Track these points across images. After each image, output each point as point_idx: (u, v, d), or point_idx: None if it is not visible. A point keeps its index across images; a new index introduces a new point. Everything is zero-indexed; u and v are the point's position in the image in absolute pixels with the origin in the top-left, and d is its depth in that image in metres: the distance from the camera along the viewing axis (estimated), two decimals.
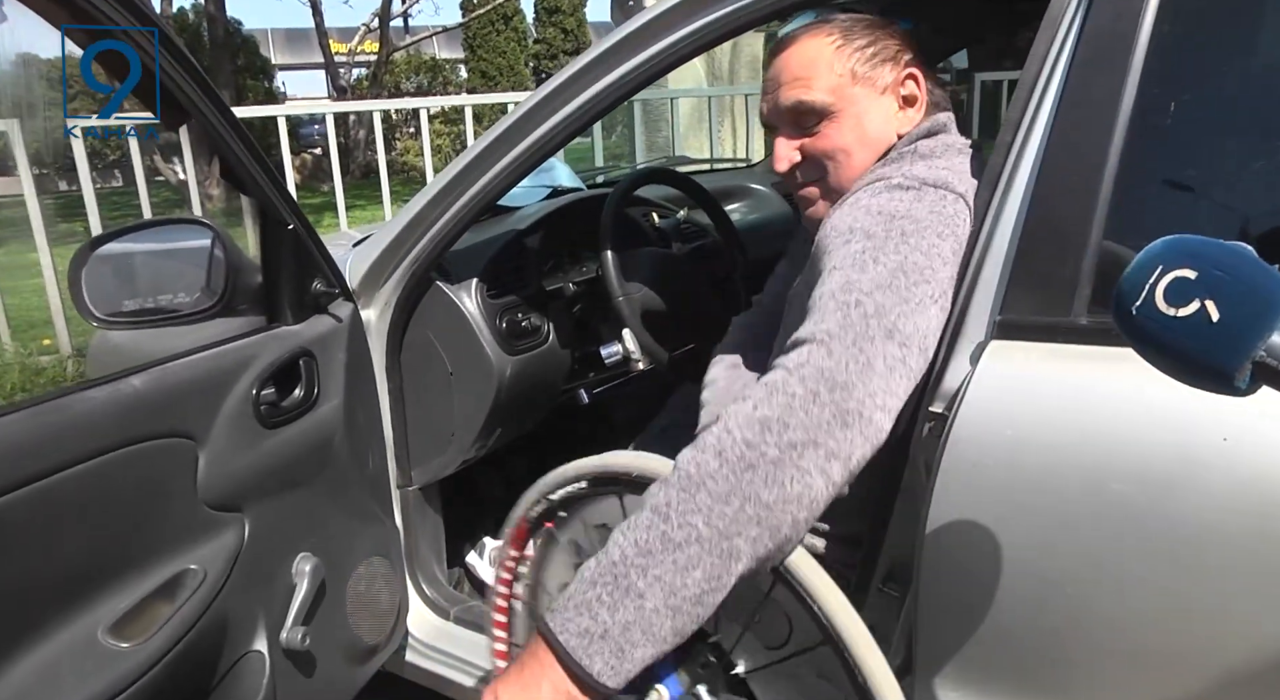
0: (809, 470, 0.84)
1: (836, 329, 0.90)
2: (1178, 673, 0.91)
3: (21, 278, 5.59)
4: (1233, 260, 0.60)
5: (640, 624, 0.83)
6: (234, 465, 1.18)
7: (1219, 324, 0.59)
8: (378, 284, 1.57)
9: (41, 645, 0.94)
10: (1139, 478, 0.88)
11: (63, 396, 0.98)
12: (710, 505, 0.84)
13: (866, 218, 1.02)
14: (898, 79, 1.21)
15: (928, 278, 0.97)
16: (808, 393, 0.86)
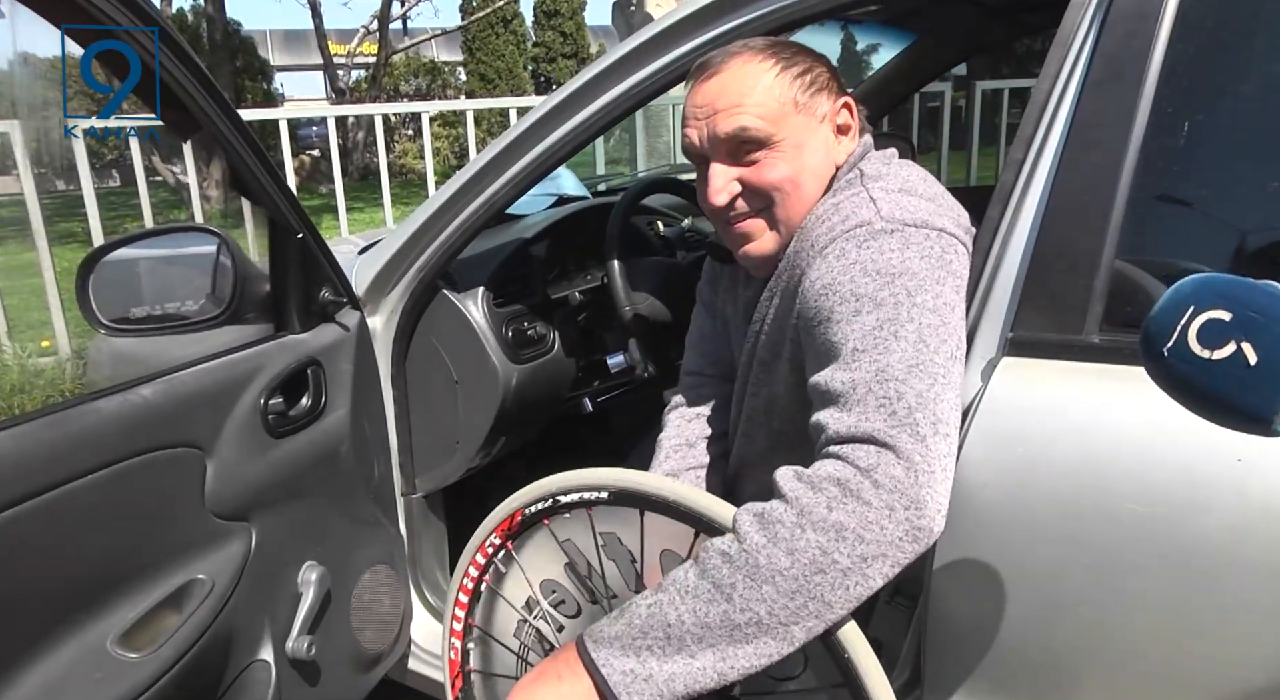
0: (874, 577, 0.86)
1: (886, 424, 0.89)
2: (1186, 694, 0.91)
3: (19, 278, 5.59)
4: (1266, 301, 0.60)
5: (684, 677, 0.89)
6: (242, 475, 1.17)
7: (1257, 366, 0.59)
8: (384, 292, 1.57)
9: (51, 655, 0.93)
10: (1150, 498, 0.89)
11: (72, 407, 0.98)
12: (775, 598, 0.87)
13: (865, 279, 0.98)
14: (834, 108, 1.18)
15: (944, 336, 0.95)
16: (883, 505, 0.86)
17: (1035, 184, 1.03)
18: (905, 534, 0.85)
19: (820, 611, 0.86)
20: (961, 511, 0.99)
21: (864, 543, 0.85)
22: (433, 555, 1.76)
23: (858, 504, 0.86)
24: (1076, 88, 1.02)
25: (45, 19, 1.02)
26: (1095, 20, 1.01)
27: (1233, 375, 0.59)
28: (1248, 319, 0.59)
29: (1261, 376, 0.59)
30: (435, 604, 1.74)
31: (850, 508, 0.86)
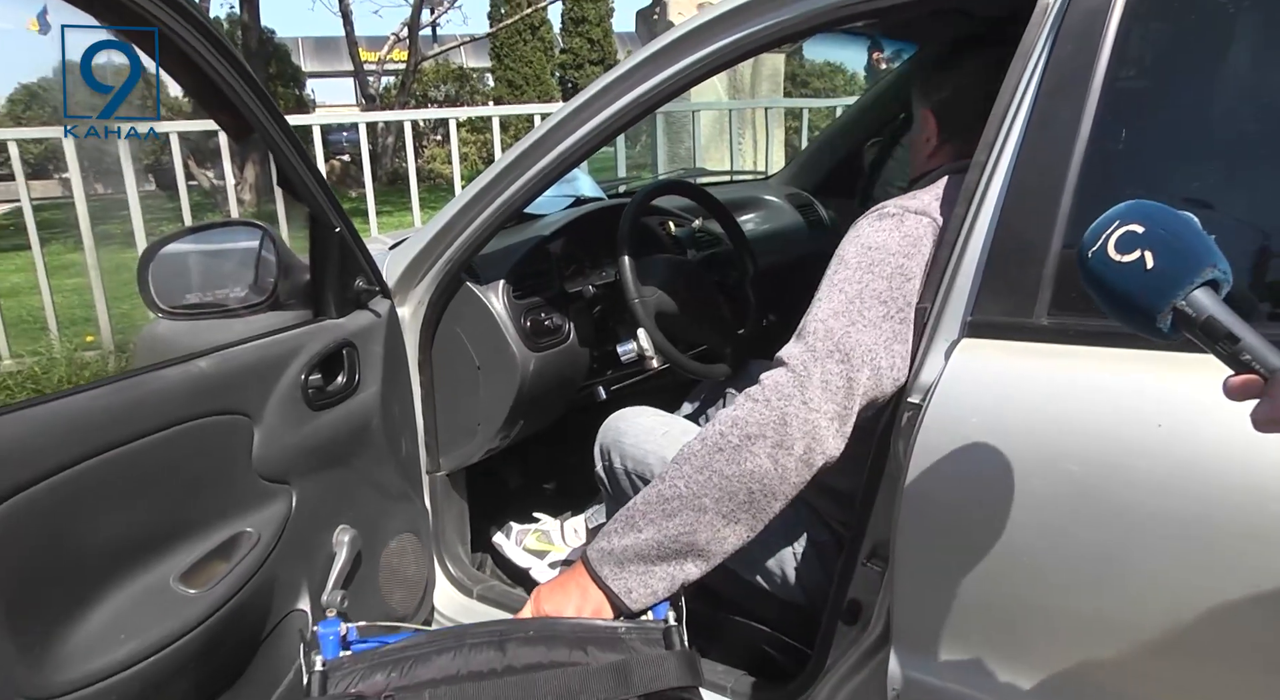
0: (759, 454, 1.15)
1: (795, 351, 1.20)
2: (1120, 634, 1.02)
3: (62, 277, 5.78)
4: (1176, 224, 0.73)
5: (635, 548, 1.20)
6: (284, 442, 1.31)
7: (1152, 271, 0.71)
8: (413, 283, 1.71)
9: (126, 586, 1.08)
10: (1086, 459, 1.00)
11: (143, 374, 1.12)
12: (690, 473, 1.19)
13: (851, 248, 1.26)
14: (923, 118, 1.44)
15: (885, 299, 1.20)
16: (764, 400, 1.17)
17: (995, 182, 1.14)
18: (778, 417, 1.15)
19: (721, 483, 1.16)
20: (923, 475, 1.11)
21: (748, 426, 1.16)
22: (455, 530, 1.89)
23: (751, 403, 1.18)
24: (1032, 97, 1.13)
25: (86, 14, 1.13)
26: (1049, 37, 1.13)
27: (1134, 276, 0.72)
28: (1156, 234, 0.72)
29: (1154, 279, 0.71)
30: (457, 575, 1.87)
31: (746, 406, 1.18)
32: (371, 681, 1.00)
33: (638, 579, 1.20)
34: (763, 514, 1.18)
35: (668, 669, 1.02)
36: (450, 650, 1.04)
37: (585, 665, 1.03)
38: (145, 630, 1.06)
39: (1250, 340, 0.68)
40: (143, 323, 4.17)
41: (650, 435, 1.61)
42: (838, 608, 1.31)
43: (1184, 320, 0.71)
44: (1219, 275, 0.71)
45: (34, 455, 0.97)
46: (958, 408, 1.10)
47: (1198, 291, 0.70)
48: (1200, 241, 0.72)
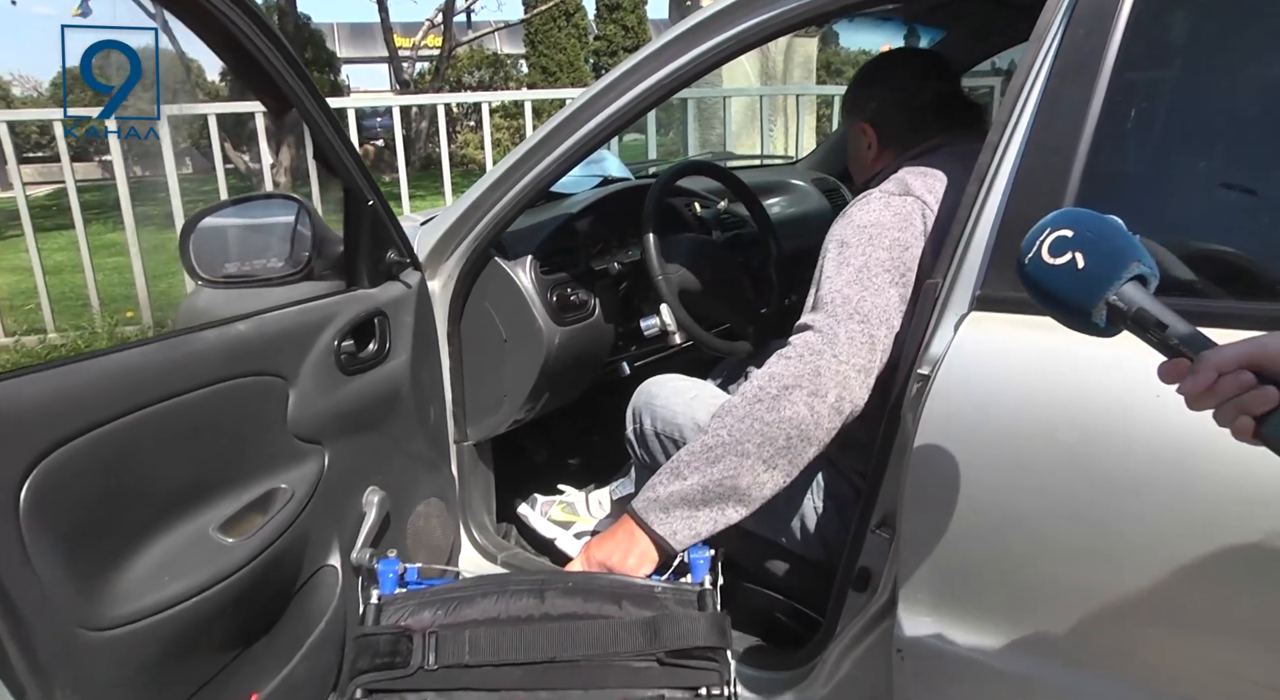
0: (796, 402, 1.26)
1: (818, 317, 1.33)
2: (1117, 598, 1.06)
3: (103, 257, 5.91)
4: (1102, 226, 0.80)
5: (681, 494, 1.30)
6: (317, 404, 1.37)
7: (1083, 271, 0.78)
8: (443, 258, 1.76)
9: (170, 533, 1.14)
10: (1083, 427, 1.04)
11: (187, 334, 1.19)
12: (732, 423, 1.29)
13: (848, 230, 1.39)
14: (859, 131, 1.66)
15: (888, 267, 1.34)
16: (798, 356, 1.30)
17: (1006, 163, 1.18)
18: (811, 369, 1.27)
19: (762, 429, 1.26)
20: (930, 444, 1.15)
21: (785, 378, 1.28)
22: (481, 498, 1.95)
23: (784, 360, 1.30)
24: (1044, 78, 1.16)
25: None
26: (1063, 20, 1.16)
27: (1067, 277, 0.79)
28: (1084, 237, 0.79)
29: (1085, 278, 0.78)
30: (482, 542, 1.92)
31: (780, 362, 1.30)
32: (420, 617, 1.09)
33: (683, 523, 1.30)
34: (799, 459, 1.28)
35: (697, 629, 1.06)
36: (493, 594, 1.11)
37: (618, 618, 1.08)
38: (188, 574, 1.12)
39: (1177, 326, 0.74)
40: (180, 300, 4.28)
41: (680, 397, 1.68)
42: (849, 575, 1.35)
43: (1117, 313, 0.77)
44: (1145, 270, 0.77)
45: (88, 405, 1.03)
46: (965, 379, 1.14)
47: (1127, 286, 0.76)
48: (1125, 241, 0.78)
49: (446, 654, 1.04)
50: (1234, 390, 0.69)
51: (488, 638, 1.05)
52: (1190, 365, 0.72)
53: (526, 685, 1.04)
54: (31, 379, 1.00)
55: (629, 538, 1.32)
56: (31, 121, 8.14)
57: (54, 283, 5.19)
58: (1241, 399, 0.69)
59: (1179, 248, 1.09)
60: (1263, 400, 0.68)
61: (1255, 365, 0.69)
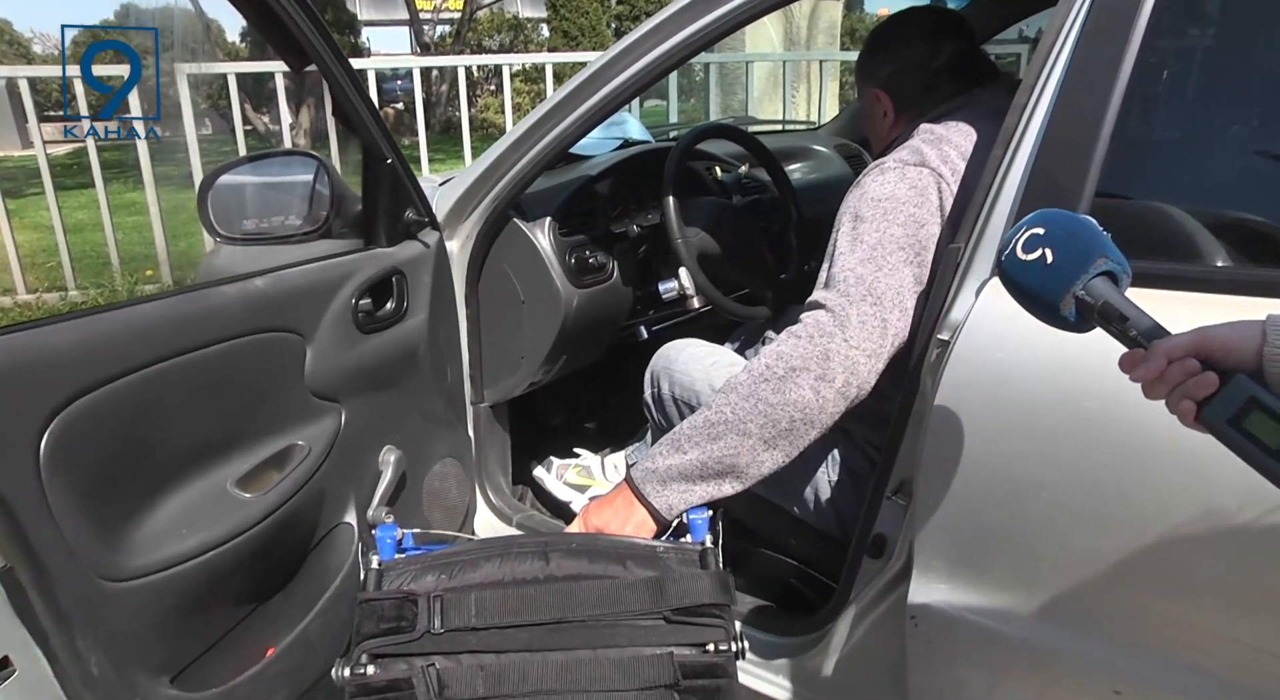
0: (802, 386, 1.24)
1: (830, 296, 1.29)
2: (1132, 567, 1.05)
3: (122, 216, 5.93)
4: (1073, 225, 0.84)
5: (680, 467, 1.29)
6: (335, 361, 1.37)
7: (1052, 265, 0.82)
8: (461, 218, 1.75)
9: (188, 486, 1.15)
10: (1104, 395, 1.02)
11: (205, 289, 1.19)
12: (736, 402, 1.27)
13: (863, 204, 1.35)
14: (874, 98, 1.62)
15: (903, 244, 1.30)
16: (808, 336, 1.27)
17: (1033, 126, 1.16)
18: (820, 352, 1.25)
19: (765, 410, 1.24)
20: (948, 409, 1.14)
21: (793, 359, 1.25)
22: (496, 460, 1.95)
23: (794, 339, 1.27)
24: (1074, 39, 1.14)
25: None
26: None
27: (1037, 271, 0.83)
28: (1054, 234, 0.83)
29: (1054, 272, 0.82)
30: (497, 504, 1.93)
31: (790, 342, 1.27)
32: (423, 582, 1.07)
33: (678, 496, 1.30)
34: (799, 441, 1.27)
35: (701, 586, 1.06)
36: (497, 557, 1.09)
37: (623, 578, 1.09)
38: (206, 527, 1.13)
39: (1138, 319, 0.78)
40: (199, 260, 4.28)
41: (699, 363, 1.68)
42: (863, 542, 1.34)
43: (1084, 307, 0.81)
44: (1113, 266, 0.81)
45: (108, 356, 1.04)
46: (984, 345, 1.12)
47: (1095, 281, 0.80)
48: (1094, 238, 0.82)
49: (452, 617, 1.04)
50: (1180, 377, 0.73)
51: (494, 600, 1.04)
52: (1144, 355, 0.76)
53: (534, 646, 1.03)
54: (51, 330, 1.01)
55: (627, 506, 1.32)
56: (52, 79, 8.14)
57: (75, 241, 5.23)
58: (1186, 385, 0.73)
59: (1210, 214, 1.07)
60: (1203, 385, 0.72)
61: (1201, 353, 0.73)
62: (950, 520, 1.18)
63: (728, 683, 1.02)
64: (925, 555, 1.22)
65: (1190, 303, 0.98)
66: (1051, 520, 1.10)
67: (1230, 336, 0.73)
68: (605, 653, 1.03)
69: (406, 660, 1.04)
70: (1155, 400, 0.77)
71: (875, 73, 1.62)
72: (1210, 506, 0.98)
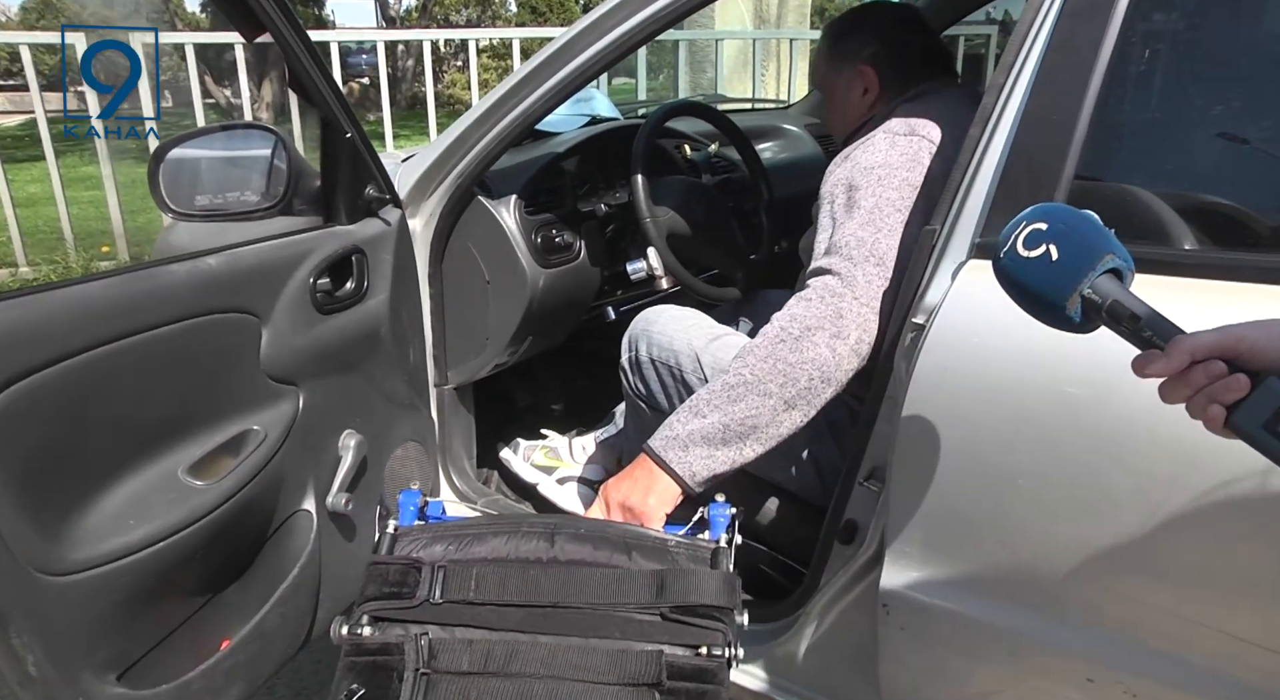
0: (819, 344, 1.26)
1: (834, 261, 1.31)
2: (1111, 554, 1.04)
3: (79, 190, 5.80)
4: (1076, 220, 0.79)
5: (701, 432, 1.29)
6: (292, 343, 1.32)
7: (1056, 262, 0.77)
8: (424, 196, 1.70)
9: (136, 475, 1.10)
10: (1085, 381, 1.01)
11: (152, 267, 1.13)
12: (754, 363, 1.28)
13: (855, 173, 1.37)
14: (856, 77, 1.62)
15: (898, 206, 1.33)
16: (819, 298, 1.29)
17: (1011, 106, 1.13)
18: (833, 311, 1.27)
19: (784, 370, 1.26)
20: (924, 395, 1.12)
21: (807, 319, 1.27)
22: (461, 443, 1.92)
23: (805, 302, 1.29)
24: (1054, 18, 1.11)
25: None
26: None
27: (1041, 269, 0.78)
28: (1057, 229, 0.78)
29: (1059, 270, 0.77)
30: (462, 487, 1.90)
31: (801, 305, 1.29)
32: (431, 550, 1.09)
33: (701, 462, 1.29)
34: (817, 399, 1.27)
35: (705, 586, 1.03)
36: (505, 534, 1.09)
37: (626, 569, 1.06)
38: (155, 517, 1.08)
39: (1151, 318, 0.73)
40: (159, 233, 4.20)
41: (677, 324, 1.67)
42: (834, 527, 1.33)
43: (1091, 306, 0.76)
44: (1119, 263, 0.76)
45: (46, 338, 0.99)
46: (961, 328, 1.10)
47: (1101, 279, 0.75)
48: (1099, 234, 0.78)
49: (452, 589, 1.05)
50: (1205, 379, 0.68)
51: (494, 577, 1.05)
52: (1160, 355, 0.71)
53: (526, 627, 1.03)
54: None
55: (648, 476, 1.31)
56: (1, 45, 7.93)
57: (27, 215, 5.09)
58: (1212, 388, 0.68)
59: (1187, 198, 1.05)
60: (1234, 388, 0.67)
61: (1227, 354, 0.68)
62: (923, 507, 1.16)
63: (715, 690, 0.98)
64: (898, 542, 1.20)
65: (1161, 287, 0.96)
66: (1028, 507, 1.08)
67: (1259, 336, 0.68)
68: (596, 643, 1.02)
69: (403, 626, 1.05)
70: (1174, 404, 0.71)
71: (856, 51, 1.62)
72: (1189, 493, 0.96)
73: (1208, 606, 1.01)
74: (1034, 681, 1.16)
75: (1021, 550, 1.11)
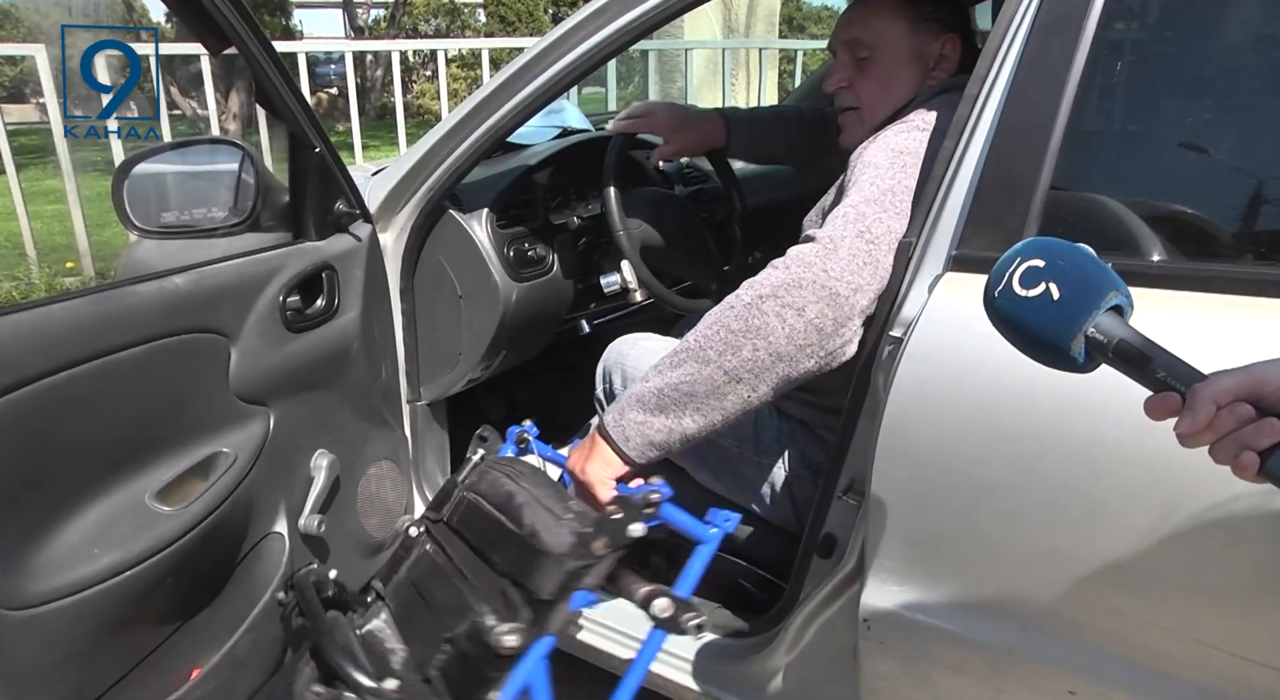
0: (766, 312, 1.16)
1: (825, 230, 1.21)
2: (1091, 569, 1.03)
3: (41, 204, 5.71)
4: (1073, 254, 0.73)
5: (637, 396, 1.25)
6: (262, 363, 1.30)
7: (1058, 302, 0.71)
8: (395, 210, 1.68)
9: (101, 501, 1.07)
10: (1062, 394, 1.00)
11: (117, 288, 1.11)
12: (702, 329, 1.21)
13: (881, 153, 1.29)
14: (939, 45, 1.47)
15: (912, 191, 1.23)
16: (783, 265, 1.20)
17: (985, 117, 1.13)
18: (792, 280, 1.17)
19: (727, 338, 1.18)
20: (902, 409, 1.11)
21: (761, 287, 1.18)
22: (434, 459, 1.89)
23: (770, 268, 1.20)
24: (1026, 32, 1.11)
25: None
26: None
27: (1041, 309, 0.72)
28: (1056, 266, 0.72)
29: (1062, 309, 0.71)
30: None
31: (765, 271, 1.20)
32: (471, 479, 1.34)
33: (635, 428, 1.24)
34: (767, 375, 1.18)
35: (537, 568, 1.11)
36: (526, 480, 1.28)
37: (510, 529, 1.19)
38: (121, 545, 1.06)
39: (1163, 358, 0.68)
40: (124, 250, 4.12)
41: (653, 357, 1.62)
42: (813, 541, 1.32)
43: (1096, 346, 0.71)
44: (1122, 300, 0.71)
45: (6, 363, 0.96)
46: (939, 342, 1.10)
47: (1104, 317, 0.71)
48: (1099, 269, 0.73)
49: (450, 513, 1.28)
50: (1233, 425, 0.64)
51: (468, 513, 1.26)
52: (1179, 399, 0.66)
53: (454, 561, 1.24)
54: None
55: (591, 442, 1.29)
56: None
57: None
58: (1240, 434, 0.64)
59: (1162, 209, 1.06)
60: (1266, 433, 0.63)
61: (1253, 396, 0.64)
62: (903, 521, 1.16)
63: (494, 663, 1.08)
64: (878, 556, 1.19)
65: (1138, 299, 0.96)
66: (1008, 521, 1.08)
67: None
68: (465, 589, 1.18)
69: (428, 534, 1.33)
70: (1193, 449, 0.66)
71: (947, 19, 1.48)
72: (1169, 507, 0.96)
73: (1186, 617, 1.01)
74: (1016, 695, 1.15)
75: (1003, 564, 1.10)
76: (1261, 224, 1.05)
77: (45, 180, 6.60)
